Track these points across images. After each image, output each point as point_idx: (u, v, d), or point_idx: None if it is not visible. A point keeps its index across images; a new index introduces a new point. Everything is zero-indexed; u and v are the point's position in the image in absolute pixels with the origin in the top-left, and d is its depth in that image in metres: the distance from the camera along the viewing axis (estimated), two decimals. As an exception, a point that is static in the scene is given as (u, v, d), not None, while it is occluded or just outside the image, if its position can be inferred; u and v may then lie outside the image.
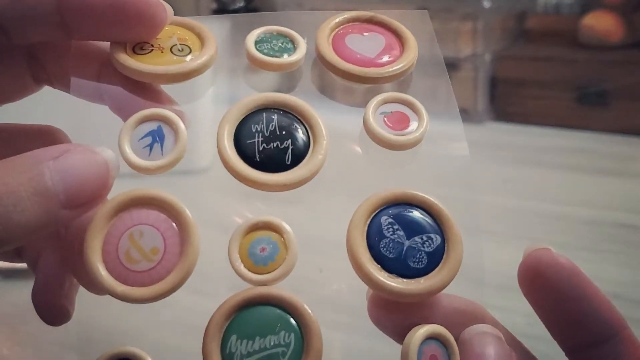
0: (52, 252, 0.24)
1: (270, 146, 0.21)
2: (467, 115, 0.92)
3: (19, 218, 0.18)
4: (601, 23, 0.95)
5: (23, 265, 0.26)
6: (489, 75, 0.96)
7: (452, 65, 0.89)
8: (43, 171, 0.19)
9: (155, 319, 0.35)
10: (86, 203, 0.19)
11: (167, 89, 0.24)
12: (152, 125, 0.21)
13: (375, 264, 0.20)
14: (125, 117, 0.22)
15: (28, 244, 0.25)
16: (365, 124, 0.22)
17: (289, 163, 0.21)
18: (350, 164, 0.22)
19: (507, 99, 0.96)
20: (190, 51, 0.23)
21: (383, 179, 0.23)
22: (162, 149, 0.21)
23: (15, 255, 0.26)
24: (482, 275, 0.21)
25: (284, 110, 0.22)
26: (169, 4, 0.23)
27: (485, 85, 0.95)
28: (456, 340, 0.20)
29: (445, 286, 0.20)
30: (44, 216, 0.18)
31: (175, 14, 0.23)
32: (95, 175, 0.19)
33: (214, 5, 1.16)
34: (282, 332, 0.20)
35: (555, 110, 0.93)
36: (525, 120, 0.94)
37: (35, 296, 0.23)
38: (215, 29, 0.24)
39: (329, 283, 0.20)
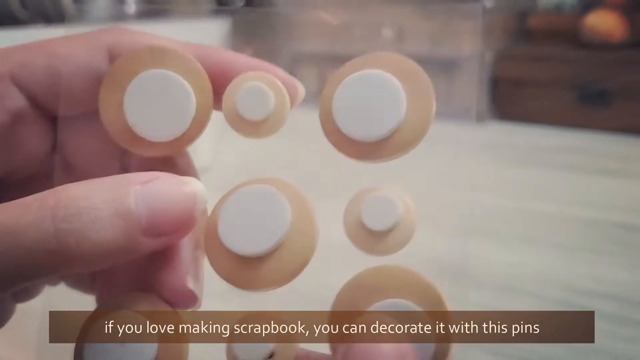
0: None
1: None
2: (467, 115, 0.91)
3: (96, 237, 0.17)
4: (603, 22, 0.95)
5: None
6: (490, 74, 0.96)
7: (452, 65, 0.89)
8: (129, 193, 0.18)
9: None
10: (168, 233, 0.19)
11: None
12: None
13: None
14: None
15: (103, 272, 0.24)
16: None
17: None
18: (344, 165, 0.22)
19: (508, 98, 0.96)
20: None
21: (377, 178, 0.22)
22: None
23: (90, 286, 0.25)
24: (468, 276, 0.21)
25: None
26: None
27: (486, 85, 0.95)
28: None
29: None
30: (122, 239, 0.18)
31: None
32: (181, 206, 0.19)
33: (213, 6, 1.16)
34: None
35: (556, 110, 0.93)
36: (526, 120, 0.94)
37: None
38: (215, 28, 0.24)
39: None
